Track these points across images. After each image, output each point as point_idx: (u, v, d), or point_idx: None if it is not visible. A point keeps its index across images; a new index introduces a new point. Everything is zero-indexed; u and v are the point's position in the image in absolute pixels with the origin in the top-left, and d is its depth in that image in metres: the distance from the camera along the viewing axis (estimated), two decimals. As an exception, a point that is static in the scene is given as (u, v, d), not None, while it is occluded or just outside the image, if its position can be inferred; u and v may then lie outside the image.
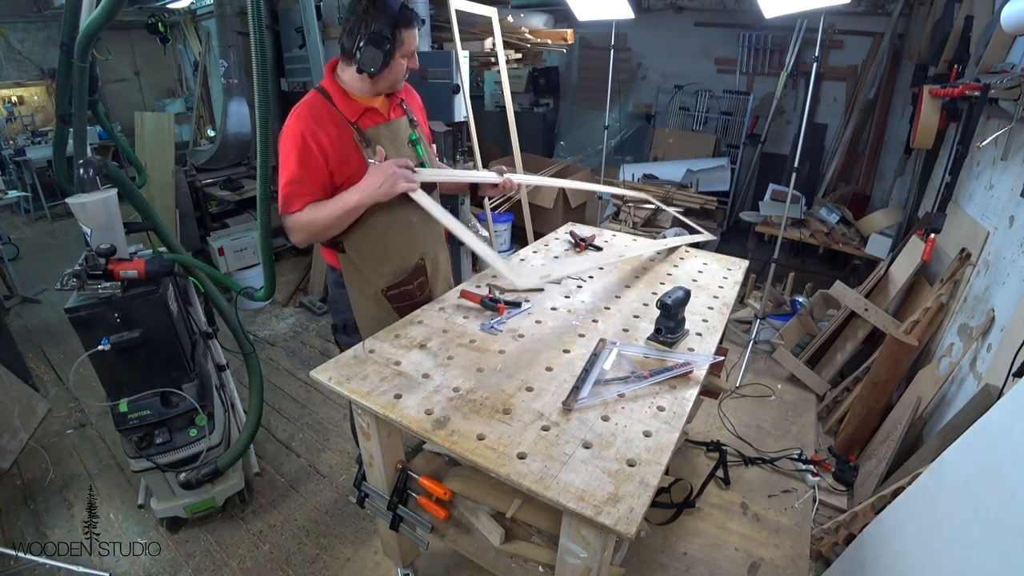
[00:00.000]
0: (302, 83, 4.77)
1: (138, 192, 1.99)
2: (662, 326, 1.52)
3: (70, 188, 1.81)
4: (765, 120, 5.34)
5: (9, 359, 2.91)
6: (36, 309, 4.21)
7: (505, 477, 1.06)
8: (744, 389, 3.10)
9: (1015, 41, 2.52)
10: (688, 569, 1.99)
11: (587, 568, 1.12)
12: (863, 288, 3.15)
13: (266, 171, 1.67)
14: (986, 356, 2.08)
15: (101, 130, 5.72)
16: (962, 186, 2.81)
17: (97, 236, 1.70)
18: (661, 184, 4.98)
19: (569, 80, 6.86)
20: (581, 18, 3.67)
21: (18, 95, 7.31)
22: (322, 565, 2.05)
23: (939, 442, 1.93)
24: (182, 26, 6.97)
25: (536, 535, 1.42)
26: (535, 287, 1.86)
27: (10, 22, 7.17)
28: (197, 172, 4.36)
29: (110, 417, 1.98)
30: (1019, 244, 2.10)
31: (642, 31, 5.94)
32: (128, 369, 1.84)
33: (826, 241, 4.17)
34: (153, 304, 1.78)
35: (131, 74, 8.60)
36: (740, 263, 2.20)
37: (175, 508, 2.10)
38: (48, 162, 6.34)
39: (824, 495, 2.34)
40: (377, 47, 1.46)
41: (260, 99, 1.53)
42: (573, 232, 2.40)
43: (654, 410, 1.26)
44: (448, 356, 1.46)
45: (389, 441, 1.45)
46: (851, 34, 4.97)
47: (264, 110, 1.54)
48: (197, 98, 6.35)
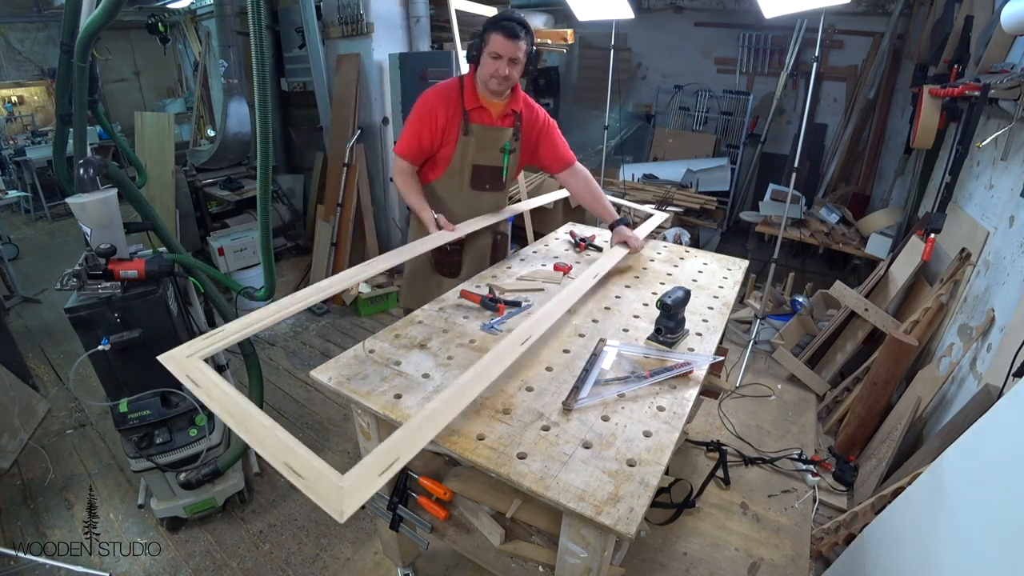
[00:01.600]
0: (302, 83, 4.78)
1: (138, 192, 1.99)
2: (662, 326, 1.52)
3: (70, 188, 1.81)
4: (765, 120, 5.34)
5: (9, 359, 2.90)
6: (36, 309, 4.21)
7: (505, 477, 1.06)
8: (744, 389, 3.10)
9: (1015, 41, 2.52)
10: (688, 569, 1.99)
11: (587, 568, 1.12)
12: (863, 288, 3.15)
13: (267, 171, 1.67)
14: (986, 356, 2.08)
15: (101, 130, 5.72)
16: (962, 186, 2.81)
17: (97, 236, 1.71)
18: (661, 184, 4.98)
19: (569, 80, 6.85)
20: (581, 18, 3.68)
21: (18, 95, 7.31)
22: (322, 565, 2.05)
23: (939, 442, 1.93)
24: (182, 26, 6.96)
25: (536, 535, 1.42)
26: (535, 287, 1.87)
27: (10, 22, 7.17)
28: (197, 172, 4.36)
29: (110, 417, 1.99)
30: (1019, 244, 2.10)
31: (642, 31, 5.94)
32: (128, 369, 1.84)
33: (826, 241, 4.17)
34: (153, 304, 1.78)
35: (131, 74, 8.61)
36: (740, 263, 2.20)
37: (175, 508, 2.09)
38: (48, 162, 6.35)
39: (824, 495, 2.34)
40: (473, 44, 1.88)
41: (260, 99, 1.54)
42: (573, 232, 2.40)
43: (654, 410, 1.26)
44: (448, 356, 1.46)
45: (389, 441, 1.45)
46: (851, 34, 4.97)
47: (264, 110, 1.55)
48: (197, 98, 6.34)
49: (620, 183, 4.95)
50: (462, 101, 1.92)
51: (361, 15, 3.65)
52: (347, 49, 3.87)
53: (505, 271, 2.03)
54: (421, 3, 3.85)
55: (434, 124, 1.92)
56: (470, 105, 1.92)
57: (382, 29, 3.75)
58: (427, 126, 1.93)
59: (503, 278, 1.95)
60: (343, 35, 3.83)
